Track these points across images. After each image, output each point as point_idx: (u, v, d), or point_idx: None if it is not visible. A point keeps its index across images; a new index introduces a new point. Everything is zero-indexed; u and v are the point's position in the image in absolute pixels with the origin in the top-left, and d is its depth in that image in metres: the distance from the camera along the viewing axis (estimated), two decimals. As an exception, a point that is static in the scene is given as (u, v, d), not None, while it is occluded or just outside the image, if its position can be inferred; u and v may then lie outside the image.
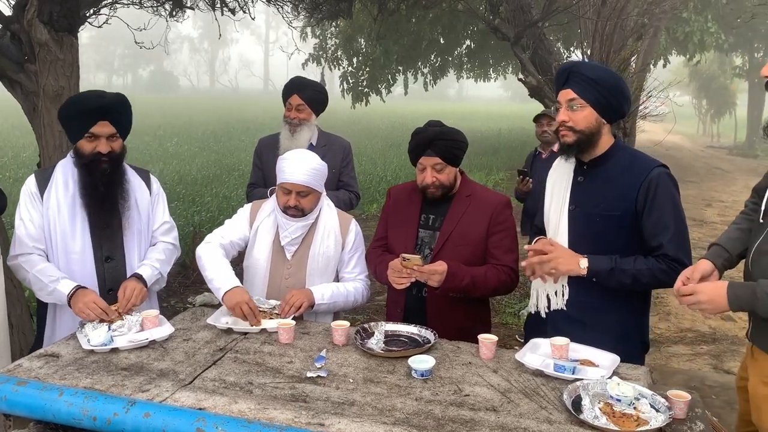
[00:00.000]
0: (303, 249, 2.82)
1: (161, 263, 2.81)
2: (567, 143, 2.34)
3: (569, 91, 2.30)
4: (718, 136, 30.71)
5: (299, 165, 2.70)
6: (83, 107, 2.57)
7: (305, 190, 2.71)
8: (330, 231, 2.84)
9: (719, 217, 10.90)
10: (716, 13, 13.53)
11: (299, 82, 3.89)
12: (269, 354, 2.32)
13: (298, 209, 2.73)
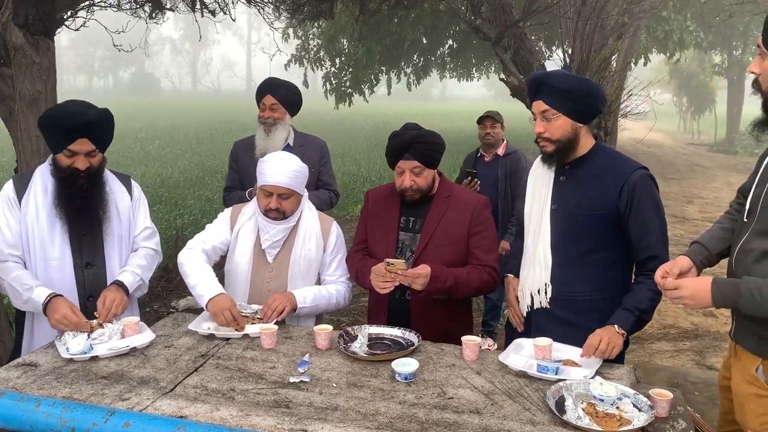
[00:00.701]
0: (284, 252, 2.80)
1: (143, 269, 2.77)
2: (547, 153, 2.38)
3: (541, 103, 2.33)
4: (699, 133, 31.05)
5: (280, 167, 2.68)
6: (63, 124, 2.50)
7: (286, 192, 2.69)
8: (311, 233, 2.82)
9: (700, 213, 11.02)
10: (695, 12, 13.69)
11: (272, 82, 3.87)
12: (252, 359, 2.30)
13: (279, 212, 2.71)
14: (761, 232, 1.87)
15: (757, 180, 1.95)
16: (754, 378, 1.93)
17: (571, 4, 5.85)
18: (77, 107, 2.54)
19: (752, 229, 1.91)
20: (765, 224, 1.86)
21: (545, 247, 2.43)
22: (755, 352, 1.93)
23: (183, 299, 6.03)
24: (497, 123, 4.72)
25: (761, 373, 1.91)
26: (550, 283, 2.43)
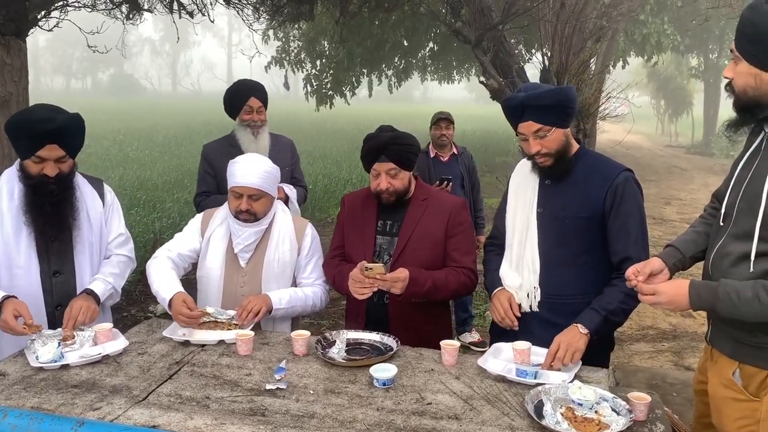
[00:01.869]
0: (257, 256, 2.76)
1: (115, 277, 2.71)
2: (548, 166, 2.37)
3: (532, 124, 2.31)
4: (676, 135, 31.44)
5: (251, 167, 2.65)
6: (32, 130, 2.41)
7: (257, 193, 2.65)
8: (285, 236, 2.78)
9: (678, 215, 11.14)
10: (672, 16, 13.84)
11: (253, 84, 3.79)
12: (227, 366, 2.26)
13: (250, 213, 2.67)
14: (738, 235, 1.87)
15: (731, 184, 1.95)
16: (731, 382, 1.93)
17: (549, 7, 5.87)
18: (45, 113, 2.45)
19: (728, 233, 1.91)
20: (741, 228, 1.86)
21: (533, 251, 2.43)
22: (732, 356, 1.93)
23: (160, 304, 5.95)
24: (451, 124, 4.88)
25: (738, 376, 1.91)
26: (538, 287, 2.43)
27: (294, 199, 3.77)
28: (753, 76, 1.76)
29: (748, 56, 1.75)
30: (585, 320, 2.28)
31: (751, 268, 1.81)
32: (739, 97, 1.82)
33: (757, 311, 1.74)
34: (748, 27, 1.73)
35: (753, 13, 1.72)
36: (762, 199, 1.78)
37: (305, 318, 5.59)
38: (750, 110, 1.82)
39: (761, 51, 1.72)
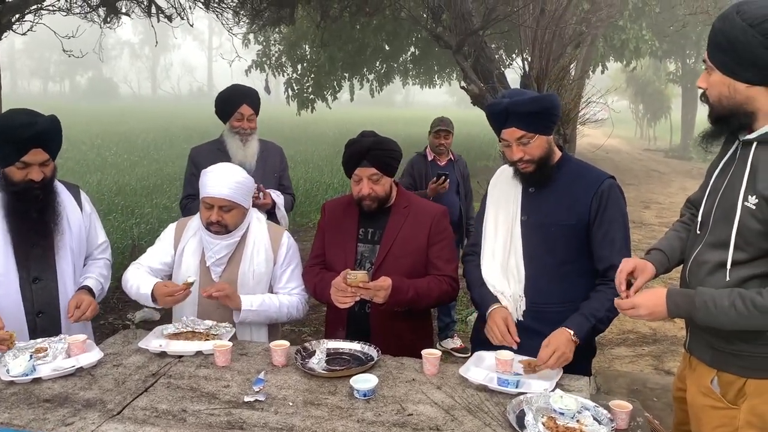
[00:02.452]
0: (232, 267, 2.70)
1: (104, 279, 2.76)
2: (529, 173, 2.36)
3: (515, 130, 2.29)
4: (655, 139, 31.84)
5: (222, 178, 2.59)
6: (14, 136, 2.39)
7: (228, 204, 2.59)
8: (260, 247, 2.73)
9: (657, 218, 11.24)
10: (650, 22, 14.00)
11: (245, 91, 3.75)
12: (205, 378, 2.21)
13: (221, 225, 2.61)
14: (714, 244, 1.88)
15: (707, 192, 1.96)
16: (710, 390, 1.93)
17: (530, 13, 5.90)
18: (25, 117, 2.43)
19: (705, 242, 1.92)
20: (717, 237, 1.87)
21: (518, 260, 2.41)
22: (710, 364, 1.94)
23: (139, 311, 5.86)
24: (450, 134, 4.92)
25: (716, 384, 1.92)
26: (523, 296, 2.41)
27: (281, 205, 3.73)
28: (726, 85, 1.77)
29: (721, 66, 1.76)
30: (576, 327, 2.26)
31: (728, 277, 1.82)
32: (714, 107, 1.83)
33: (733, 320, 1.75)
34: (720, 37, 1.73)
35: (724, 24, 1.72)
36: (737, 208, 1.79)
37: (285, 325, 5.56)
38: (725, 120, 1.82)
39: (734, 61, 1.72)
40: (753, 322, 1.73)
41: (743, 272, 1.80)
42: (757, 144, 1.79)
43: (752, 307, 1.71)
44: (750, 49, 1.68)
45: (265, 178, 3.81)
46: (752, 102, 1.75)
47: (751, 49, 1.67)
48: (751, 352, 1.83)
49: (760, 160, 1.76)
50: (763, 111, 1.75)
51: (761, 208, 1.73)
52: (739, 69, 1.72)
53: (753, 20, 1.66)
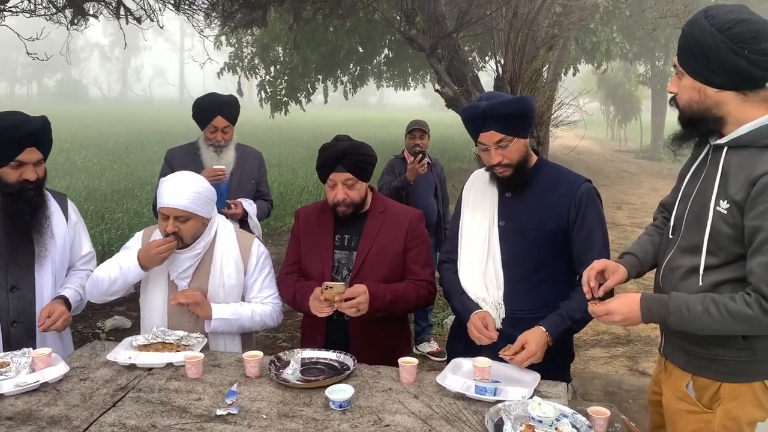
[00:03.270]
0: (200, 280, 2.61)
1: (84, 290, 2.68)
2: (507, 177, 2.34)
3: (494, 133, 2.27)
4: (626, 140, 32.26)
5: (178, 187, 2.50)
6: (9, 135, 2.37)
7: (183, 214, 2.49)
8: (229, 258, 2.64)
9: (629, 219, 11.38)
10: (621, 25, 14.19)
11: (221, 101, 3.67)
12: (176, 391, 2.15)
13: (176, 236, 2.50)
14: (686, 249, 1.89)
15: (679, 197, 1.97)
16: (685, 394, 1.93)
17: (503, 16, 5.90)
18: (18, 116, 2.43)
19: (677, 247, 1.93)
20: (690, 241, 1.87)
21: (496, 266, 2.39)
22: (684, 368, 1.94)
23: (109, 319, 5.74)
24: (425, 134, 4.89)
25: (691, 389, 1.92)
26: (502, 303, 2.39)
27: (253, 214, 3.67)
28: (697, 90, 1.77)
29: (691, 71, 1.77)
30: (552, 327, 2.26)
31: (700, 282, 1.82)
32: (684, 111, 1.83)
33: (706, 325, 1.75)
34: (690, 42, 1.74)
35: (694, 29, 1.73)
36: (709, 213, 1.79)
37: (260, 331, 5.49)
38: (695, 124, 1.83)
39: (703, 65, 1.73)
40: (726, 327, 1.73)
41: (716, 277, 1.80)
42: (728, 149, 1.79)
43: (725, 313, 1.71)
44: (719, 54, 1.68)
45: (242, 184, 3.76)
46: (721, 107, 1.76)
47: (720, 54, 1.68)
48: (725, 357, 1.84)
49: (731, 165, 1.77)
50: (733, 116, 1.76)
51: (733, 213, 1.73)
52: (709, 73, 1.73)
53: (722, 25, 1.67)
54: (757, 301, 1.66)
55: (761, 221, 1.66)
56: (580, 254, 2.34)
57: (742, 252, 1.75)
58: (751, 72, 1.69)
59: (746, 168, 1.71)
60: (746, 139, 1.75)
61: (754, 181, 1.67)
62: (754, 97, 1.74)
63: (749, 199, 1.68)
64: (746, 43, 1.66)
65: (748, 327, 1.70)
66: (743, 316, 1.68)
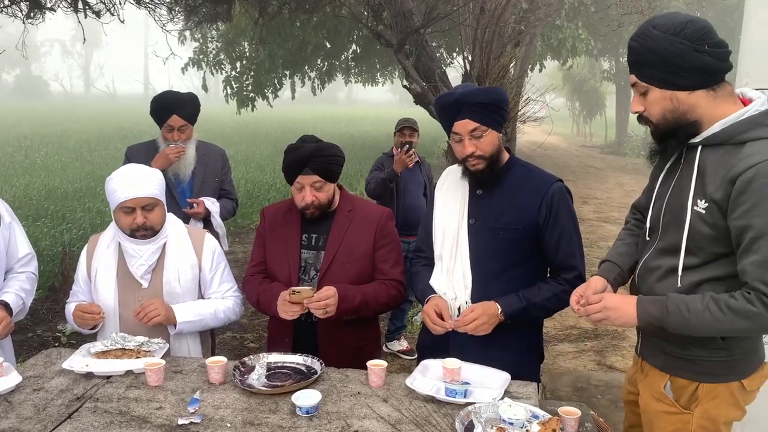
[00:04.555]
0: (155, 279, 2.54)
1: (26, 293, 2.56)
2: (480, 170, 2.29)
3: (468, 122, 2.23)
4: (591, 135, 32.72)
5: (135, 177, 2.44)
6: None
7: (151, 201, 2.44)
8: (182, 254, 2.58)
9: (595, 213, 11.53)
10: (586, 21, 14.36)
11: (175, 99, 3.58)
12: (135, 400, 2.07)
13: (146, 228, 2.45)
14: (664, 250, 1.87)
15: (654, 198, 1.95)
16: (663, 395, 1.92)
17: (470, 11, 5.89)
18: None
19: (655, 248, 1.91)
20: (668, 242, 1.86)
21: (464, 265, 2.35)
22: (663, 369, 1.93)
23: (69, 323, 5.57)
24: (415, 132, 4.83)
25: (669, 389, 1.91)
26: (470, 302, 2.35)
27: (216, 214, 3.58)
28: (668, 99, 1.76)
29: (658, 82, 1.75)
30: (505, 303, 2.26)
31: (679, 283, 1.80)
32: (659, 125, 1.81)
33: (708, 323, 1.70)
34: (647, 55, 1.73)
35: (647, 41, 1.72)
36: (686, 213, 1.77)
37: (227, 332, 5.38)
38: (672, 134, 1.80)
39: (669, 73, 1.72)
40: (727, 326, 1.69)
41: (695, 277, 1.78)
42: (702, 147, 1.78)
43: (727, 310, 1.67)
44: (682, 56, 1.68)
45: (204, 183, 3.67)
46: (695, 109, 1.75)
47: (682, 56, 1.68)
48: (703, 357, 1.83)
49: (707, 163, 1.75)
50: (706, 116, 1.75)
51: (711, 213, 1.71)
52: (677, 78, 1.72)
53: (674, 29, 1.68)
54: (758, 297, 1.63)
55: (747, 220, 1.63)
56: (554, 254, 2.32)
57: (722, 251, 1.73)
58: (715, 65, 1.70)
59: (723, 166, 1.70)
60: (721, 136, 1.74)
61: (733, 179, 1.66)
62: (722, 92, 1.74)
63: (731, 198, 1.66)
64: (703, 39, 1.68)
65: (750, 324, 1.66)
66: (746, 313, 1.64)
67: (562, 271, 2.33)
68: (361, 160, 16.82)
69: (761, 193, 1.61)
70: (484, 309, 2.24)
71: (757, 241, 1.63)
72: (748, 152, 1.66)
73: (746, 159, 1.65)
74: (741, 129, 1.71)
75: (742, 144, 1.69)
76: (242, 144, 20.63)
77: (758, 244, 1.62)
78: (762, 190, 1.61)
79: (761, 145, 1.66)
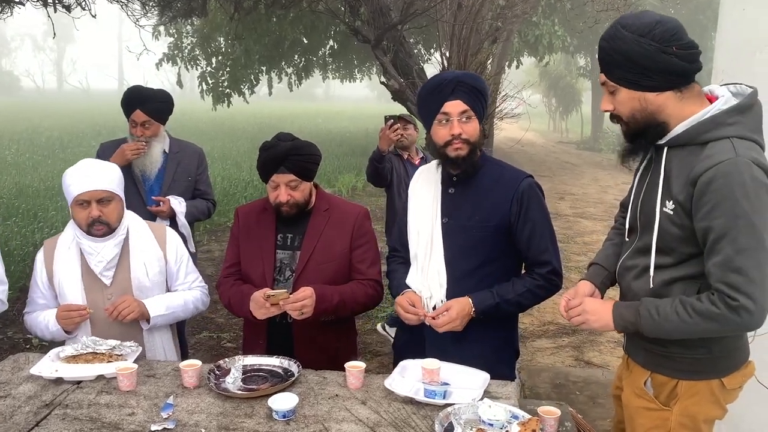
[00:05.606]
0: (122, 275, 2.50)
1: None
2: (461, 156, 2.26)
3: (460, 103, 2.21)
4: (567, 131, 32.96)
5: (90, 170, 2.41)
6: None
7: (107, 195, 2.40)
8: (147, 248, 2.56)
9: (571, 209, 11.60)
10: (562, 18, 14.43)
11: (139, 93, 3.51)
12: (107, 406, 2.01)
13: (102, 222, 2.40)
14: (641, 249, 1.89)
15: (632, 197, 1.96)
16: (643, 391, 1.93)
17: (447, 7, 5.86)
18: None
19: (633, 248, 1.93)
20: (643, 242, 1.87)
21: (438, 264, 2.33)
22: (644, 365, 1.94)
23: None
24: (409, 124, 4.63)
25: (649, 386, 1.92)
26: (446, 300, 2.32)
27: (181, 214, 3.50)
28: (637, 99, 1.76)
29: (627, 83, 1.75)
30: (478, 299, 2.25)
31: (651, 283, 1.82)
32: (629, 124, 1.80)
33: (676, 326, 1.72)
34: (616, 55, 1.72)
35: (616, 42, 1.71)
36: (656, 213, 1.79)
37: (203, 331, 5.31)
38: (642, 134, 1.80)
39: (637, 74, 1.71)
40: (696, 328, 1.70)
41: (666, 275, 1.80)
42: (668, 148, 1.79)
43: (693, 312, 1.69)
44: (650, 57, 1.68)
45: (176, 181, 3.60)
46: (663, 110, 1.75)
47: (651, 57, 1.68)
48: (683, 355, 1.83)
49: (672, 165, 1.77)
50: (674, 117, 1.75)
51: (678, 214, 1.73)
52: (645, 79, 1.72)
53: (642, 30, 1.68)
54: (721, 299, 1.65)
55: (709, 221, 1.65)
56: (527, 250, 2.32)
57: (692, 251, 1.74)
58: (683, 67, 1.70)
59: (686, 167, 1.71)
60: (684, 137, 1.75)
61: (693, 181, 1.67)
62: (689, 93, 1.75)
63: (693, 200, 1.68)
64: (671, 41, 1.67)
65: (716, 326, 1.68)
66: (710, 314, 1.66)
67: (536, 266, 2.32)
68: (339, 157, 16.75)
69: (721, 194, 1.62)
70: (458, 310, 2.23)
71: (719, 242, 1.64)
72: (709, 153, 1.67)
73: (706, 160, 1.66)
74: (703, 129, 1.71)
75: (704, 144, 1.70)
76: (218, 140, 20.41)
77: (720, 245, 1.64)
78: (722, 191, 1.62)
79: (721, 145, 1.67)
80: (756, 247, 1.62)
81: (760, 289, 1.62)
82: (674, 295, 1.78)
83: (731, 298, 1.63)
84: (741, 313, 1.63)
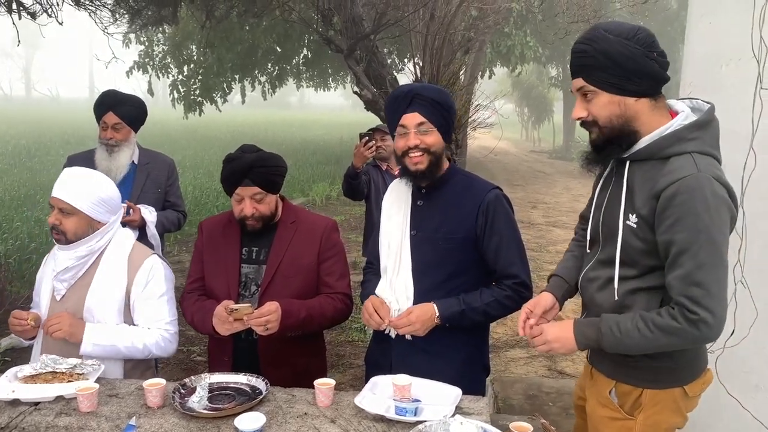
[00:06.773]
0: (79, 292, 2.38)
1: None
2: (420, 170, 2.24)
3: (417, 115, 2.21)
4: (539, 141, 33.35)
5: (71, 179, 2.37)
6: None
7: (66, 207, 2.33)
8: (112, 271, 2.39)
9: (544, 218, 11.70)
10: (534, 29, 14.60)
11: (114, 96, 3.47)
12: (65, 428, 1.93)
13: (58, 231, 2.34)
14: (604, 261, 1.90)
15: (593, 210, 1.96)
16: (608, 400, 1.93)
17: (420, 18, 5.87)
18: None
19: (596, 260, 1.94)
20: (606, 255, 1.88)
21: (406, 277, 2.30)
22: (609, 375, 1.94)
23: (5, 338, 5.28)
24: (387, 135, 4.47)
25: (614, 395, 1.92)
26: None
27: (152, 224, 3.43)
28: (616, 103, 1.75)
29: (608, 86, 1.74)
30: (443, 306, 2.23)
31: (615, 295, 1.83)
32: (605, 128, 1.79)
33: (637, 341, 1.73)
34: (600, 57, 1.71)
35: (599, 44, 1.70)
36: (618, 226, 1.79)
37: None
38: (614, 141, 1.80)
39: (620, 77, 1.71)
40: (657, 342, 1.71)
41: (630, 285, 1.81)
42: (630, 162, 1.80)
43: (654, 327, 1.70)
44: (635, 60, 1.69)
45: (145, 192, 3.53)
46: (638, 117, 1.75)
47: (635, 60, 1.69)
48: (647, 364, 1.84)
49: (635, 179, 1.78)
50: (644, 127, 1.76)
51: (641, 227, 1.74)
52: (627, 83, 1.72)
53: (626, 34, 1.69)
54: (681, 312, 1.66)
55: (670, 235, 1.67)
56: (494, 262, 2.30)
57: (655, 264, 1.76)
58: (660, 74, 1.72)
59: (649, 182, 1.73)
60: (645, 152, 1.76)
61: (656, 195, 1.68)
62: (660, 104, 1.77)
63: (656, 214, 1.69)
64: (652, 46, 1.70)
65: (677, 340, 1.70)
66: (670, 329, 1.68)
67: (504, 278, 2.31)
68: (313, 165, 16.68)
69: (684, 209, 1.64)
70: (419, 315, 2.21)
71: (681, 256, 1.66)
72: (671, 168, 1.68)
73: (668, 175, 1.67)
74: (665, 144, 1.73)
75: (666, 159, 1.72)
76: (190, 149, 20.19)
77: (682, 258, 1.66)
78: (684, 206, 1.64)
79: (683, 160, 1.68)
80: (715, 263, 1.64)
81: (718, 302, 1.65)
82: (638, 304, 1.79)
83: (691, 312, 1.65)
84: (700, 326, 1.65)
